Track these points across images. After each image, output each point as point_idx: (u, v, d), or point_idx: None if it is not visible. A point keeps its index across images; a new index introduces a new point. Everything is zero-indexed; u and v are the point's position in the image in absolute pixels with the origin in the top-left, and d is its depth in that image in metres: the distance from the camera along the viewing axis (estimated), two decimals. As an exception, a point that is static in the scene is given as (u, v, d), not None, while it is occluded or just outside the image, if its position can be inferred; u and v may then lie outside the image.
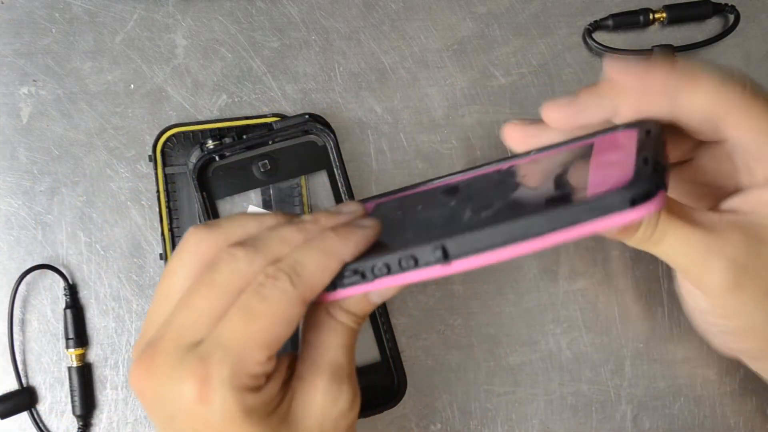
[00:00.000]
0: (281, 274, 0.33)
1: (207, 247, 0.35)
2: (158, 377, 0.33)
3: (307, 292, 0.34)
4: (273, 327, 0.33)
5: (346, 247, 0.35)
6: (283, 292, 0.33)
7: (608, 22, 0.55)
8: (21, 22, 0.52)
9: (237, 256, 0.34)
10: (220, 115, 0.53)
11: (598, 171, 0.32)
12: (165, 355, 0.33)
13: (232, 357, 0.32)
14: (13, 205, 0.52)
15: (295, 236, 0.35)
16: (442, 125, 0.54)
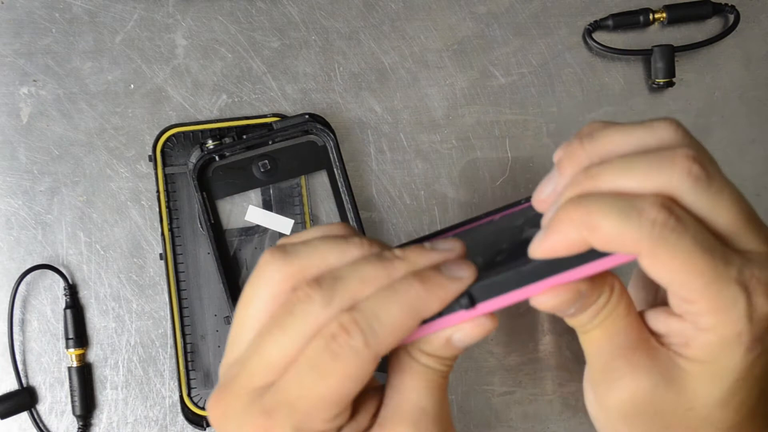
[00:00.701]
0: (355, 330, 0.31)
1: (283, 280, 0.32)
2: (227, 419, 0.32)
3: (381, 349, 0.31)
4: (342, 385, 0.31)
5: (431, 303, 0.31)
6: (355, 351, 0.31)
7: (608, 22, 0.55)
8: (21, 22, 0.52)
9: (313, 299, 0.31)
10: (220, 115, 0.53)
11: None
12: (234, 397, 0.32)
13: (298, 415, 0.31)
14: (13, 205, 0.52)
15: (379, 276, 0.31)
16: (442, 125, 0.54)
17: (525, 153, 0.55)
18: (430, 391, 0.33)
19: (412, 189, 0.54)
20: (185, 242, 0.52)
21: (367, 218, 0.53)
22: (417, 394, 0.33)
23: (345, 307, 0.31)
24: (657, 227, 0.29)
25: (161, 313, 0.52)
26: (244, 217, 0.52)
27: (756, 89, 0.57)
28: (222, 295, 0.50)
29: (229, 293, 0.50)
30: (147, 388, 0.51)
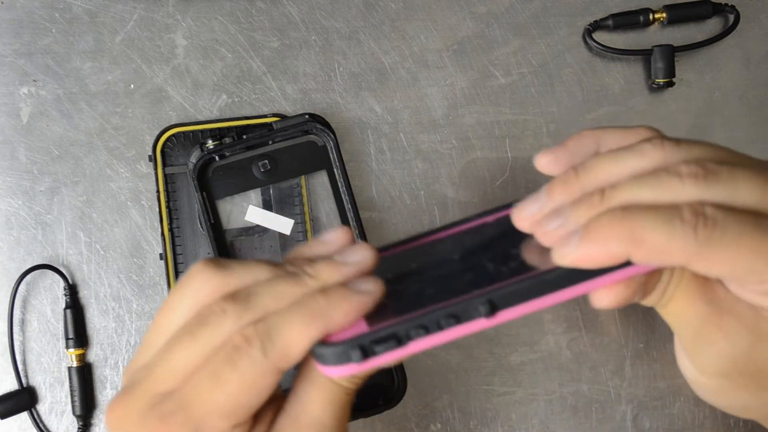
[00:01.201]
0: (255, 340, 0.31)
1: (208, 293, 0.33)
2: (125, 423, 0.32)
3: (281, 362, 0.31)
4: (240, 396, 0.31)
5: (334, 316, 0.31)
6: (254, 360, 0.31)
7: (608, 22, 0.55)
8: (21, 22, 0.52)
9: (226, 312, 0.32)
10: (220, 115, 0.53)
11: None
12: (134, 402, 0.32)
13: (192, 423, 0.31)
14: (13, 205, 0.52)
15: (291, 291, 0.32)
16: (442, 125, 0.54)
17: (525, 153, 0.55)
18: (333, 408, 0.33)
19: (412, 189, 0.54)
20: (185, 242, 0.52)
21: (367, 218, 0.53)
22: (319, 409, 0.33)
23: (255, 321, 0.31)
24: (700, 230, 0.29)
25: (161, 313, 0.52)
26: (244, 217, 0.52)
27: (756, 89, 0.57)
28: (222, 295, 0.50)
29: (229, 293, 0.50)
30: (147, 388, 0.51)
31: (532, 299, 0.32)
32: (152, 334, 0.34)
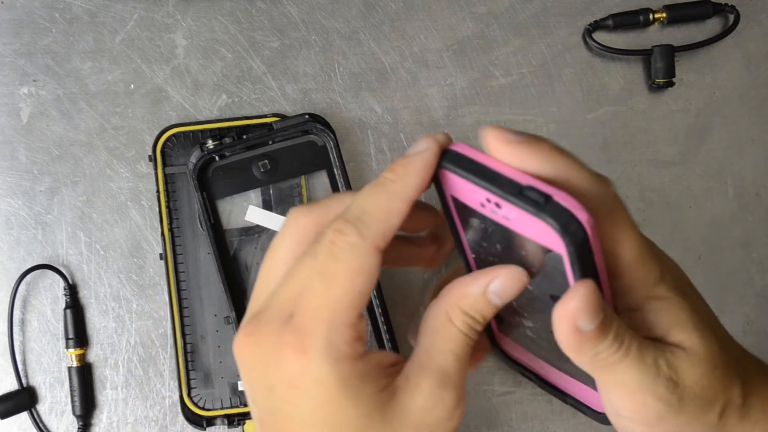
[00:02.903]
0: (348, 227, 0.33)
1: (306, 223, 0.35)
2: (261, 349, 0.33)
3: (378, 239, 0.33)
4: (353, 284, 0.32)
5: (406, 181, 0.34)
6: (352, 246, 0.33)
7: (608, 22, 0.55)
8: (21, 22, 0.52)
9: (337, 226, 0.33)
10: (220, 115, 0.53)
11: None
12: (268, 326, 0.33)
13: (324, 325, 0.32)
14: (13, 205, 0.52)
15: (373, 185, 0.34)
16: (442, 125, 0.54)
17: (525, 153, 0.55)
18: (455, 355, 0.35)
19: (412, 189, 0.54)
20: (185, 242, 0.52)
21: (367, 218, 0.53)
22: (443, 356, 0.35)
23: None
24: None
25: (161, 313, 0.52)
26: (244, 217, 0.52)
27: (756, 89, 0.57)
28: (222, 295, 0.50)
29: (229, 293, 0.50)
30: (147, 388, 0.51)
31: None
32: (261, 280, 0.36)
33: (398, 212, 0.34)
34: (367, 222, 0.33)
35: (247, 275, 0.52)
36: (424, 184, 0.34)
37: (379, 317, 0.51)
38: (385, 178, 0.34)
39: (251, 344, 0.34)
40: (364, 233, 0.33)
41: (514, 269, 0.34)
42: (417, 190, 0.34)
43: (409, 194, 0.34)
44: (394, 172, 0.34)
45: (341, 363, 0.32)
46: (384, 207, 0.33)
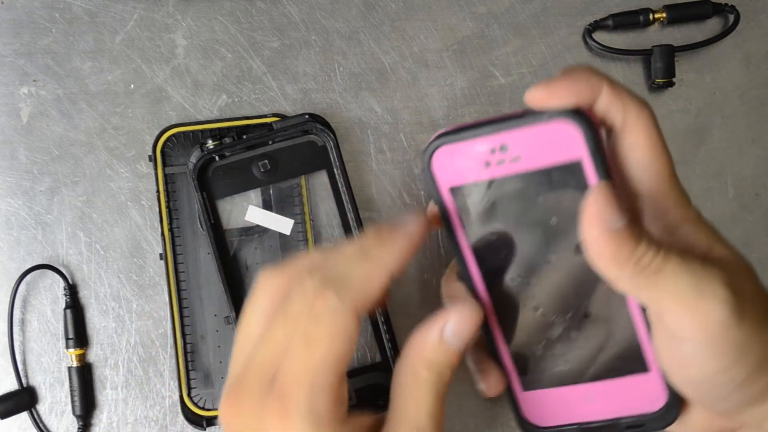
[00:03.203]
0: (329, 292, 0.33)
1: (278, 283, 0.35)
2: (244, 416, 0.33)
3: (358, 305, 0.33)
4: (334, 347, 0.32)
5: (390, 253, 0.34)
6: (332, 309, 0.33)
7: (608, 22, 0.55)
8: (21, 22, 0.52)
9: (304, 281, 0.34)
10: (220, 115, 0.53)
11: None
12: (249, 392, 0.33)
13: (305, 390, 0.32)
14: (13, 205, 0.52)
15: (353, 249, 0.34)
16: (442, 125, 0.54)
17: (525, 153, 0.55)
18: (427, 406, 0.35)
19: (412, 189, 0.54)
20: (185, 242, 0.52)
21: (367, 218, 0.53)
22: (415, 410, 0.34)
23: (328, 277, 0.34)
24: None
25: (161, 313, 0.52)
26: (244, 217, 0.52)
27: (756, 89, 0.57)
28: (222, 295, 0.50)
29: (229, 293, 0.50)
30: (147, 388, 0.51)
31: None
32: (238, 346, 0.36)
33: (379, 282, 0.34)
34: (348, 286, 0.33)
35: (247, 275, 0.52)
36: (407, 257, 0.34)
37: (379, 317, 0.51)
38: (371, 245, 0.34)
39: (234, 412, 0.34)
40: (344, 297, 0.33)
41: (463, 306, 0.34)
42: (400, 263, 0.34)
43: (392, 267, 0.34)
44: (379, 239, 0.34)
45: (324, 427, 0.32)
46: (366, 275, 0.34)
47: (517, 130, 0.31)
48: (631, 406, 0.36)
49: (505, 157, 0.32)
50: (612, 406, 0.36)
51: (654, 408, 0.36)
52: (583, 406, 0.36)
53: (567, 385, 0.36)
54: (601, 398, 0.36)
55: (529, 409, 0.37)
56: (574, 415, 0.37)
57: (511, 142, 0.32)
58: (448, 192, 0.34)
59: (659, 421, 0.36)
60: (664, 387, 0.35)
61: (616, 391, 0.36)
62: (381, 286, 0.34)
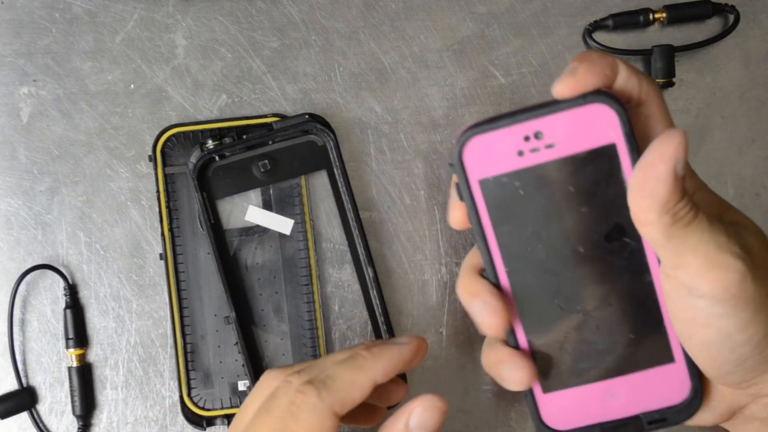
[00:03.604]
0: (310, 389, 0.36)
1: (271, 383, 0.39)
2: None
3: (337, 406, 0.35)
4: None
5: (376, 363, 0.37)
6: (312, 406, 0.35)
7: (608, 22, 0.55)
8: (21, 22, 0.52)
9: (291, 381, 0.37)
10: (220, 115, 0.53)
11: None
12: None
13: None
14: (13, 205, 0.52)
15: (342, 355, 0.38)
16: (442, 125, 0.54)
17: (525, 153, 0.55)
18: None
19: (412, 189, 0.54)
20: (185, 242, 0.52)
21: (367, 218, 0.53)
22: None
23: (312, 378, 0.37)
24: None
25: (161, 313, 0.52)
26: (244, 217, 0.52)
27: (756, 89, 0.57)
28: (222, 295, 0.50)
29: (229, 293, 0.50)
30: (147, 388, 0.51)
31: None
32: (234, 427, 0.39)
33: (361, 388, 0.36)
34: (330, 387, 0.36)
35: (247, 275, 0.52)
36: (393, 371, 0.37)
37: (379, 317, 0.51)
38: (359, 354, 0.37)
39: None
40: (324, 396, 0.35)
41: (427, 398, 0.36)
42: (385, 374, 0.37)
43: (376, 376, 0.37)
44: (369, 351, 0.37)
45: None
46: (349, 378, 0.36)
47: (551, 116, 0.32)
48: (654, 400, 0.36)
49: (540, 145, 0.32)
50: (635, 401, 0.36)
51: (678, 400, 0.36)
52: (606, 404, 0.36)
53: (589, 383, 0.36)
54: (625, 394, 0.36)
55: (549, 412, 0.37)
56: (596, 414, 0.36)
57: (545, 129, 0.32)
58: (477, 185, 0.34)
59: (682, 413, 0.36)
60: (688, 376, 0.35)
61: (640, 384, 0.36)
62: (363, 392, 0.36)
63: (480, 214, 0.34)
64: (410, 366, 0.38)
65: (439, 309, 0.53)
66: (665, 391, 0.36)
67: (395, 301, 0.53)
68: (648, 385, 0.36)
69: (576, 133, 0.32)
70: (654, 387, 0.36)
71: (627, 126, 0.32)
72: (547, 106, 0.32)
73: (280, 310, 0.52)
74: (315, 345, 0.52)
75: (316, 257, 0.52)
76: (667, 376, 0.35)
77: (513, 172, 0.33)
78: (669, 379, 0.35)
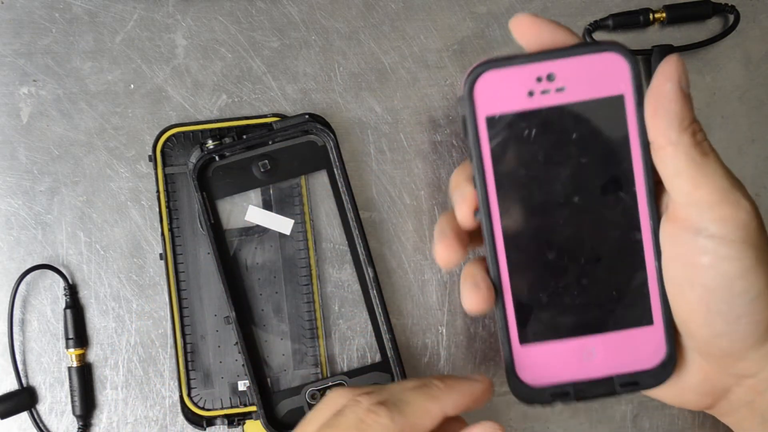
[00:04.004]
0: (383, 410, 0.36)
1: (337, 401, 0.39)
2: None
3: (407, 430, 0.36)
4: None
5: (449, 395, 0.37)
6: (383, 427, 0.35)
7: (608, 22, 0.55)
8: (21, 22, 0.52)
9: (360, 401, 0.37)
10: (220, 115, 0.53)
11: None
12: None
13: None
14: (13, 205, 0.52)
15: (414, 383, 0.38)
16: (442, 125, 0.54)
17: (525, 153, 0.55)
18: None
19: (412, 189, 0.54)
20: (185, 242, 0.52)
21: (367, 218, 0.53)
22: None
23: (384, 400, 0.37)
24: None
25: (161, 313, 0.52)
26: (244, 217, 0.52)
27: (756, 89, 0.57)
28: (222, 295, 0.50)
29: (229, 293, 0.50)
30: (147, 388, 0.51)
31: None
32: None
33: (432, 417, 0.36)
34: (403, 410, 0.36)
35: (247, 275, 0.52)
36: (464, 406, 0.37)
37: (379, 317, 0.52)
38: (433, 383, 0.38)
39: None
40: (396, 419, 0.36)
41: (488, 425, 0.36)
42: (455, 407, 0.37)
43: (448, 407, 0.37)
44: (444, 383, 0.38)
45: None
46: (422, 405, 0.36)
47: (566, 59, 0.32)
48: (628, 362, 0.36)
49: (551, 87, 0.33)
50: (610, 361, 0.36)
51: (651, 364, 0.36)
52: (581, 362, 0.36)
53: (567, 338, 0.36)
54: (600, 353, 0.36)
55: (524, 366, 0.36)
56: (570, 372, 0.36)
57: (558, 71, 0.32)
58: (483, 121, 0.34)
59: (654, 377, 0.36)
60: (665, 341, 0.35)
61: (617, 344, 0.36)
62: (433, 421, 0.36)
63: (482, 151, 0.34)
64: (478, 405, 0.39)
65: (439, 309, 0.53)
66: (640, 354, 0.36)
67: (395, 301, 0.53)
68: (624, 345, 0.36)
69: (587, 79, 0.33)
70: (630, 348, 0.36)
71: (638, 79, 0.32)
72: (563, 50, 0.33)
73: (280, 310, 0.52)
74: (315, 345, 0.52)
75: (316, 257, 0.52)
76: (644, 338, 0.35)
77: (519, 113, 0.33)
78: (645, 342, 0.36)
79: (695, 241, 0.33)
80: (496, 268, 0.35)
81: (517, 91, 0.33)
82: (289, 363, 0.51)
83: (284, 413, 0.51)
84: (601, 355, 0.36)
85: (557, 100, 0.33)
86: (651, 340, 0.36)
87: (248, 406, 0.51)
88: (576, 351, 0.36)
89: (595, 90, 0.32)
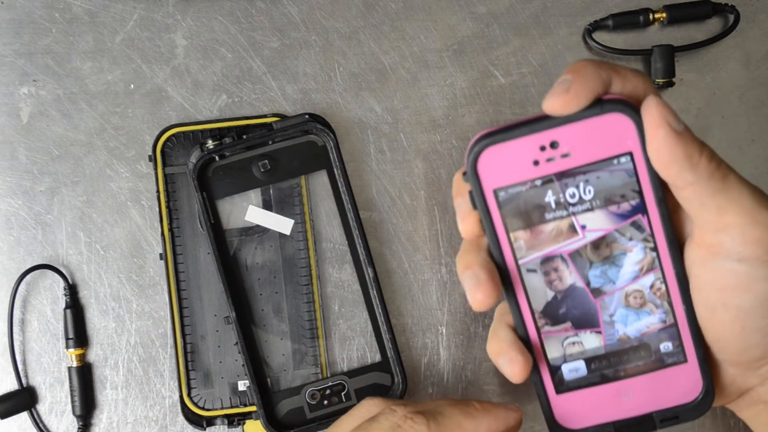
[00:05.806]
0: (421, 418, 0.37)
1: (372, 409, 0.41)
2: None
3: None
4: None
5: (485, 416, 0.38)
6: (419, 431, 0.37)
7: (608, 22, 0.55)
8: (21, 22, 0.52)
9: (396, 410, 0.38)
10: (220, 115, 0.53)
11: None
12: None
13: None
14: (13, 205, 0.52)
15: (454, 401, 0.40)
16: (442, 125, 0.54)
17: (525, 153, 0.55)
18: None
19: (412, 189, 0.54)
20: (185, 242, 0.52)
21: (367, 218, 0.53)
22: None
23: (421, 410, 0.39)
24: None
25: (161, 313, 0.52)
26: (244, 217, 0.52)
27: (756, 89, 0.57)
28: (222, 295, 0.50)
29: (229, 293, 0.50)
30: (147, 388, 0.51)
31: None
32: None
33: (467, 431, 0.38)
34: (440, 422, 0.37)
35: (247, 275, 0.52)
36: (496, 430, 0.38)
37: (379, 317, 0.51)
38: (471, 403, 0.39)
39: None
40: (433, 428, 0.37)
41: None
42: (488, 429, 0.38)
43: (482, 429, 0.38)
44: (483, 405, 0.39)
45: None
46: (459, 420, 0.38)
47: (568, 125, 0.32)
48: (667, 399, 0.36)
49: (555, 154, 0.32)
50: (648, 400, 0.36)
51: (689, 398, 0.36)
52: (619, 403, 0.36)
53: (602, 384, 0.36)
54: (638, 393, 0.36)
55: (562, 412, 0.37)
56: (609, 413, 0.37)
57: (561, 139, 0.32)
58: (491, 194, 0.34)
59: (694, 411, 0.36)
60: (700, 376, 0.35)
61: (653, 385, 0.36)
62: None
63: (495, 222, 0.34)
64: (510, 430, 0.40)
65: (439, 309, 0.53)
66: (677, 391, 0.36)
67: (395, 301, 0.53)
68: (660, 385, 0.36)
69: (593, 142, 0.32)
70: (666, 387, 0.36)
71: (644, 136, 0.32)
72: (563, 116, 0.32)
73: (280, 310, 0.52)
74: (315, 345, 0.52)
75: (316, 257, 0.52)
76: (679, 375, 0.36)
77: (527, 182, 0.33)
78: (681, 379, 0.36)
79: (727, 265, 0.33)
80: (525, 332, 0.36)
81: (521, 162, 0.33)
82: (289, 363, 0.51)
83: (284, 413, 0.51)
84: (638, 396, 0.36)
85: (564, 165, 0.32)
86: (687, 378, 0.36)
87: (248, 406, 0.51)
88: (613, 394, 0.36)
89: (601, 151, 0.32)
